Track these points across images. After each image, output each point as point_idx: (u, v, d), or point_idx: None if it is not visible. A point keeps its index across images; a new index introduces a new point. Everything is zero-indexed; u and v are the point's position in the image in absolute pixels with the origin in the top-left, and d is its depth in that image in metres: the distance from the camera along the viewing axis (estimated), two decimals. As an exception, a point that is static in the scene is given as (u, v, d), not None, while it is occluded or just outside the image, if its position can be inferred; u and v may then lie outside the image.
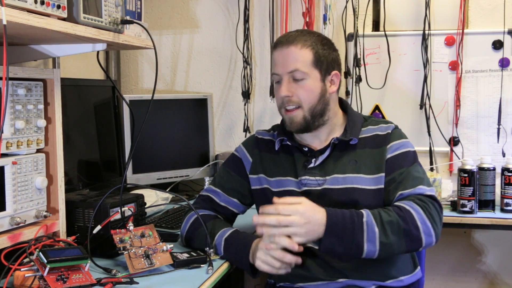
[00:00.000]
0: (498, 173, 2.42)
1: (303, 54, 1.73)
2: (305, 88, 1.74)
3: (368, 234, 1.56)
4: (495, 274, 2.80)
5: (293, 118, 1.75)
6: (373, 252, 1.57)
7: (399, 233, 1.57)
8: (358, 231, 1.56)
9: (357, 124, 1.81)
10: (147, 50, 2.64)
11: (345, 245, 1.56)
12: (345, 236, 1.55)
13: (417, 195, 1.67)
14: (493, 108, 2.66)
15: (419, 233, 1.59)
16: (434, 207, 1.64)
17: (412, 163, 1.75)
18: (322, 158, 1.78)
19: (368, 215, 1.58)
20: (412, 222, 1.59)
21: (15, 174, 1.52)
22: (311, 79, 1.74)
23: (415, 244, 1.60)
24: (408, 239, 1.59)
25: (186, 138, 2.77)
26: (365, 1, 2.74)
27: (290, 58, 1.73)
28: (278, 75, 1.76)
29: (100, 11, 1.60)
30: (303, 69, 1.73)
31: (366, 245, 1.56)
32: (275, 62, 1.77)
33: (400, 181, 1.70)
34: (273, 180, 1.83)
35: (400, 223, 1.58)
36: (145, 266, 1.60)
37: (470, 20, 2.70)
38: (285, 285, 1.77)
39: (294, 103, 1.75)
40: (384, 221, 1.57)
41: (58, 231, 1.66)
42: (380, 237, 1.56)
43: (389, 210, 1.61)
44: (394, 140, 1.77)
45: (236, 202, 1.90)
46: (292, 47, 1.74)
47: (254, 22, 2.89)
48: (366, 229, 1.56)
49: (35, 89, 1.58)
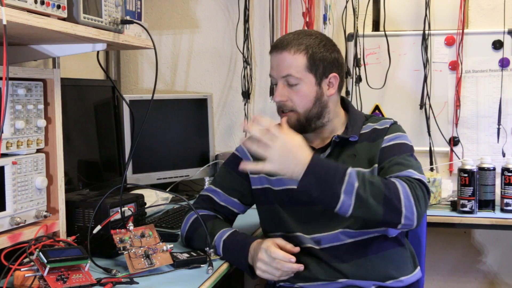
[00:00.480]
0: (498, 173, 2.42)
1: (296, 59, 1.72)
2: (298, 93, 1.74)
3: (347, 185, 1.50)
4: (495, 274, 2.80)
5: (288, 120, 1.75)
6: (348, 205, 1.50)
7: (379, 197, 1.51)
8: (338, 180, 1.50)
9: (358, 122, 1.82)
10: (147, 50, 2.64)
11: (321, 189, 1.50)
12: (324, 181, 1.50)
13: (406, 177, 1.61)
14: (493, 108, 2.66)
15: (400, 206, 1.52)
16: (421, 190, 1.58)
17: (405, 153, 1.72)
18: (324, 156, 1.78)
19: (352, 170, 1.54)
20: (395, 192, 1.53)
21: (15, 174, 1.52)
22: (305, 84, 1.73)
23: (394, 215, 1.53)
24: (387, 206, 1.52)
25: (186, 138, 2.77)
26: (365, 1, 2.74)
27: (283, 63, 1.74)
28: (274, 78, 1.78)
29: (100, 11, 1.60)
30: (296, 74, 1.72)
31: (343, 195, 1.50)
32: (271, 66, 1.79)
33: (389, 167, 1.67)
34: (274, 179, 1.83)
35: (381, 188, 1.52)
36: (145, 266, 1.59)
37: (470, 20, 2.70)
38: (285, 285, 1.76)
39: (288, 107, 1.75)
40: (366, 179, 1.53)
41: (58, 231, 1.65)
42: (359, 190, 1.50)
43: (375, 176, 1.59)
44: (391, 133, 1.77)
45: (236, 201, 1.90)
46: (285, 53, 1.73)
47: (254, 22, 2.89)
48: (347, 180, 1.50)
49: (35, 89, 1.58)
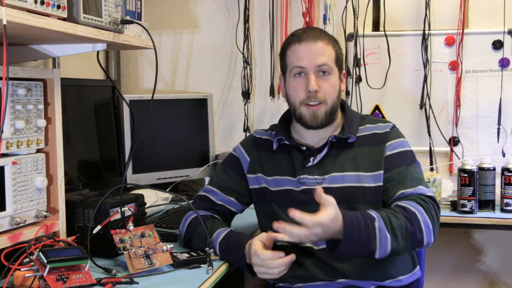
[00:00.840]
0: (498, 173, 2.42)
1: (329, 50, 1.77)
2: (330, 83, 1.76)
3: (381, 240, 1.56)
4: (495, 274, 2.80)
5: (316, 112, 1.75)
6: (383, 255, 1.58)
7: (407, 237, 1.59)
8: (372, 238, 1.55)
9: (354, 122, 1.81)
10: (147, 50, 2.64)
11: (360, 251, 1.57)
12: (360, 243, 1.55)
13: (419, 195, 1.68)
14: (493, 108, 2.66)
15: (422, 236, 1.61)
16: (434, 209, 1.66)
17: (411, 163, 1.76)
18: (320, 157, 1.78)
19: (379, 219, 1.57)
20: (417, 224, 1.60)
21: (15, 174, 1.52)
22: (334, 75, 1.77)
23: (418, 245, 1.63)
24: (413, 241, 1.61)
25: (186, 138, 2.77)
26: (365, 1, 2.73)
27: (318, 52, 1.74)
28: (303, 68, 1.75)
29: (100, 11, 1.60)
30: (330, 63, 1.75)
31: (378, 251, 1.56)
32: (300, 56, 1.76)
33: (400, 180, 1.71)
34: (271, 179, 1.83)
35: (408, 227, 1.59)
36: (145, 266, 1.60)
37: (470, 20, 2.70)
38: (284, 285, 1.77)
39: (319, 99, 1.74)
40: (395, 226, 1.58)
41: (58, 231, 1.65)
42: (392, 243, 1.57)
43: (397, 212, 1.61)
44: (393, 139, 1.78)
45: (234, 201, 1.90)
46: (320, 42, 1.76)
47: (254, 22, 2.89)
48: (379, 235, 1.55)
49: (35, 89, 1.58)
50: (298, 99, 1.77)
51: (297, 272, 1.72)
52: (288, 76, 1.80)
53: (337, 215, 1.52)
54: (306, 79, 1.75)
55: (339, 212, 1.53)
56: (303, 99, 1.76)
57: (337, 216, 1.52)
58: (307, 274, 1.71)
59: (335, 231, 1.52)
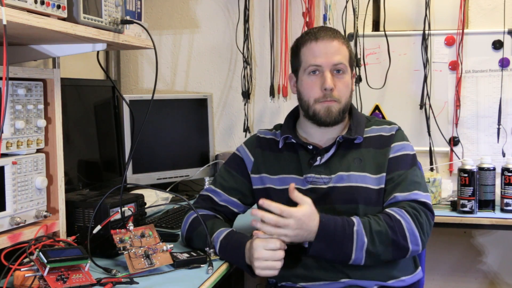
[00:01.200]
0: (498, 173, 2.42)
1: (344, 49, 1.78)
2: (344, 82, 1.77)
3: (357, 243, 1.59)
4: (495, 274, 2.80)
5: (331, 108, 1.75)
6: (359, 259, 1.61)
7: (387, 243, 1.62)
8: (348, 241, 1.59)
9: (361, 123, 1.82)
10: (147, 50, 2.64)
11: (333, 252, 1.61)
12: (334, 244, 1.59)
13: (411, 201, 1.69)
14: (493, 108, 2.66)
15: (406, 243, 1.63)
16: (426, 216, 1.68)
17: (411, 166, 1.76)
18: (328, 156, 1.78)
19: (359, 223, 1.61)
20: (400, 232, 1.62)
21: (15, 174, 1.52)
22: (348, 74, 1.79)
23: (401, 252, 1.65)
24: (395, 248, 1.63)
25: (186, 138, 2.77)
26: (365, 1, 2.74)
27: (335, 51, 1.76)
28: (319, 66, 1.76)
29: (100, 11, 1.60)
30: (345, 62, 1.77)
31: (354, 253, 1.60)
32: (316, 54, 1.76)
33: (398, 183, 1.72)
34: (276, 178, 1.83)
35: (388, 233, 1.61)
36: (145, 266, 1.59)
37: (470, 20, 2.70)
38: (286, 284, 1.76)
39: (333, 97, 1.75)
40: (374, 231, 1.61)
41: (58, 231, 1.66)
42: (368, 247, 1.60)
43: (379, 219, 1.64)
44: (397, 141, 1.79)
45: (237, 201, 1.89)
46: (336, 41, 1.77)
47: (254, 22, 2.89)
48: (356, 238, 1.59)
49: (35, 89, 1.58)
50: (313, 97, 1.77)
51: (299, 272, 1.72)
52: (301, 73, 1.80)
53: (313, 213, 1.58)
54: (321, 77, 1.75)
55: (315, 211, 1.58)
56: (318, 97, 1.76)
57: (313, 215, 1.58)
58: (310, 273, 1.71)
59: (312, 230, 1.57)
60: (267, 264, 1.59)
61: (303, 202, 1.58)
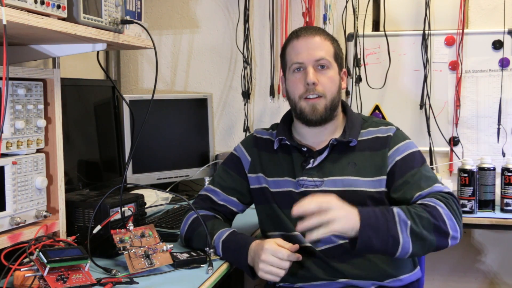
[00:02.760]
0: (498, 173, 2.42)
1: (327, 45, 1.78)
2: (329, 77, 1.76)
3: (400, 225, 1.53)
4: (495, 274, 2.80)
5: (316, 105, 1.74)
6: (407, 245, 1.53)
7: (429, 228, 1.56)
8: (391, 223, 1.53)
9: (356, 125, 1.80)
10: (147, 50, 2.64)
11: (381, 238, 1.52)
12: (380, 228, 1.51)
13: (436, 193, 1.66)
14: (493, 108, 2.66)
15: (447, 228, 1.57)
16: (455, 203, 1.64)
17: (422, 163, 1.74)
18: (320, 159, 1.77)
19: (397, 207, 1.57)
20: (440, 217, 1.57)
21: (15, 174, 1.52)
22: (333, 69, 1.77)
23: (443, 239, 1.58)
24: (438, 233, 1.57)
25: (186, 138, 2.77)
26: (365, 1, 2.73)
27: (316, 46, 1.75)
28: (301, 63, 1.76)
29: (100, 11, 1.60)
30: (328, 58, 1.76)
31: (401, 236, 1.52)
32: (298, 51, 1.76)
33: (415, 182, 1.69)
34: (271, 180, 1.83)
35: (429, 218, 1.56)
36: (145, 266, 1.60)
37: (470, 20, 2.70)
38: (285, 285, 1.76)
39: (318, 92, 1.74)
40: (413, 214, 1.56)
41: (58, 231, 1.66)
42: (412, 228, 1.53)
43: (416, 206, 1.60)
44: (399, 142, 1.76)
45: (235, 201, 1.90)
46: (318, 37, 1.77)
47: (254, 22, 2.89)
48: (398, 220, 1.54)
49: (35, 89, 1.58)
50: (298, 94, 1.77)
51: (297, 272, 1.72)
52: (287, 73, 1.81)
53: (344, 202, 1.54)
54: (304, 73, 1.75)
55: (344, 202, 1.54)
56: (302, 93, 1.76)
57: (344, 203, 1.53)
58: (308, 273, 1.71)
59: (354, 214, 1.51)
60: (271, 269, 1.59)
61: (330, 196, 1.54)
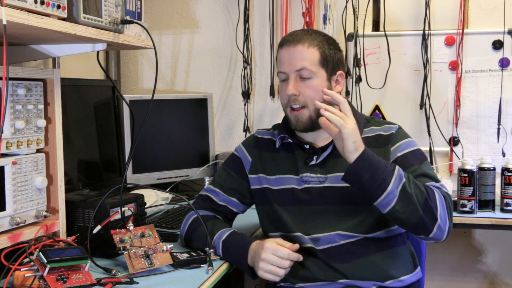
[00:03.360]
0: (498, 173, 2.42)
1: (310, 53, 1.74)
2: (311, 87, 1.74)
3: (396, 177, 1.55)
4: (495, 274, 2.80)
5: (298, 117, 1.75)
6: (393, 196, 1.54)
7: (421, 200, 1.56)
8: (389, 170, 1.55)
9: (359, 123, 1.80)
10: (147, 50, 2.64)
11: (373, 174, 1.54)
12: (376, 167, 1.54)
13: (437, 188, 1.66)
14: (493, 108, 2.66)
15: (436, 214, 1.58)
16: (451, 203, 1.65)
17: (423, 161, 1.75)
18: (324, 156, 1.78)
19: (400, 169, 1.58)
20: (434, 200, 1.58)
21: (15, 174, 1.52)
22: (317, 78, 1.74)
23: (429, 221, 1.57)
24: (426, 211, 1.56)
25: (186, 138, 2.77)
26: (365, 1, 2.73)
27: (297, 56, 1.73)
28: (285, 73, 1.76)
29: (100, 11, 1.60)
30: (310, 68, 1.73)
31: (392, 185, 1.53)
32: (282, 61, 1.76)
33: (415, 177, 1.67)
34: (273, 178, 1.82)
35: (424, 192, 1.58)
36: (145, 266, 1.60)
37: (470, 20, 2.70)
38: (285, 285, 1.76)
39: (300, 102, 1.74)
40: (411, 179, 1.58)
41: (58, 231, 1.66)
42: (405, 185, 1.55)
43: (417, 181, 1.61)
44: (401, 140, 1.77)
45: (236, 201, 1.90)
46: (300, 46, 1.74)
47: (254, 22, 2.89)
48: (397, 173, 1.56)
49: (35, 89, 1.58)
50: (284, 103, 1.79)
51: (298, 272, 1.72)
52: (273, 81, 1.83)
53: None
54: (287, 84, 1.76)
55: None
56: (286, 103, 1.78)
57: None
58: (308, 274, 1.71)
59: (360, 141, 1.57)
60: (271, 268, 1.59)
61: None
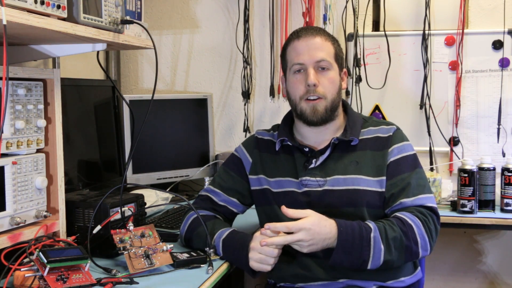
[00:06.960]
0: (498, 173, 2.42)
1: (328, 46, 1.78)
2: (329, 79, 1.76)
3: (374, 251, 1.59)
4: (495, 274, 2.80)
5: (316, 106, 1.75)
6: (376, 266, 1.62)
7: (401, 249, 1.62)
8: (366, 248, 1.58)
9: (356, 124, 1.81)
10: (147, 50, 2.64)
11: (352, 261, 1.60)
12: (354, 253, 1.58)
13: (418, 207, 1.69)
14: (493, 108, 2.66)
15: (417, 249, 1.64)
16: (433, 221, 1.68)
17: (414, 168, 1.75)
18: (323, 159, 1.77)
19: (375, 230, 1.60)
20: (413, 237, 1.63)
21: (15, 174, 1.52)
22: (333, 71, 1.77)
23: (412, 257, 1.67)
24: (408, 254, 1.64)
25: (186, 138, 2.77)
26: (365, 1, 2.74)
27: (317, 47, 1.75)
28: (302, 64, 1.76)
29: (100, 11, 1.60)
30: (329, 59, 1.76)
31: (371, 262, 1.60)
32: (299, 52, 1.76)
33: (403, 187, 1.71)
34: (273, 181, 1.82)
35: (403, 240, 1.62)
36: (145, 266, 1.60)
37: (470, 20, 2.70)
38: (285, 285, 1.76)
39: (318, 94, 1.74)
40: (389, 238, 1.60)
41: (58, 231, 1.66)
42: (385, 255, 1.60)
43: (393, 224, 1.63)
44: (396, 143, 1.77)
45: (236, 201, 1.90)
46: (318, 38, 1.77)
47: (254, 22, 2.89)
48: (373, 245, 1.59)
49: (35, 89, 1.58)
50: (298, 95, 1.77)
51: (298, 272, 1.72)
52: (288, 73, 1.81)
53: (322, 220, 1.57)
54: (305, 74, 1.75)
55: (324, 218, 1.57)
56: (302, 94, 1.76)
57: (322, 221, 1.56)
58: (309, 273, 1.71)
59: (328, 237, 1.56)
60: (260, 257, 1.60)
61: (305, 214, 1.58)
